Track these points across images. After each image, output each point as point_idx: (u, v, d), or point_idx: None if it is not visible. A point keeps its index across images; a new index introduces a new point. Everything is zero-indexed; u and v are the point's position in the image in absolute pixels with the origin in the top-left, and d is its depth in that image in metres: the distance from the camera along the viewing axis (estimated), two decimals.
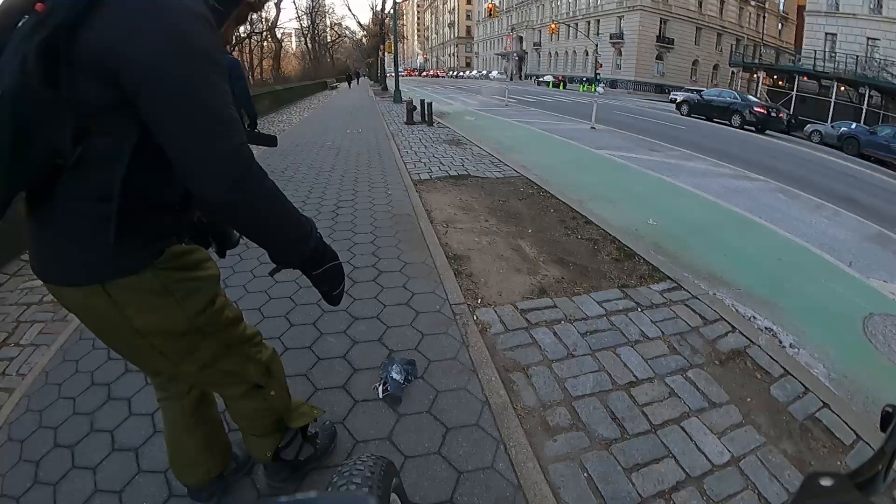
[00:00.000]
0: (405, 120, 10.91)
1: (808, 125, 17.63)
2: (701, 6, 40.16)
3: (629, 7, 39.58)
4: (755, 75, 29.07)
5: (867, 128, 15.59)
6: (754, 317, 3.12)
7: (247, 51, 30.81)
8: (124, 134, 0.77)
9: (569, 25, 39.78)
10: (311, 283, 0.97)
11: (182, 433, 1.23)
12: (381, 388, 1.70)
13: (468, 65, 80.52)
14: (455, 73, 71.07)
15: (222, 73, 0.77)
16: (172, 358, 0.97)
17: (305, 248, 0.90)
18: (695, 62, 40.64)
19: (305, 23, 37.18)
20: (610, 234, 3.93)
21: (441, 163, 6.58)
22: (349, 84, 36.92)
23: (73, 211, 0.81)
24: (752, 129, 15.95)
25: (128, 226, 0.79)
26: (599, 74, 24.33)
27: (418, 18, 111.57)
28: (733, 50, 34.53)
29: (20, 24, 0.70)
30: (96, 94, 0.73)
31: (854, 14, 24.24)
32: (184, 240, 0.97)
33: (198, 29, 0.74)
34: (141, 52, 0.70)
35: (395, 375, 1.66)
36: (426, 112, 10.76)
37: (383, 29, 33.77)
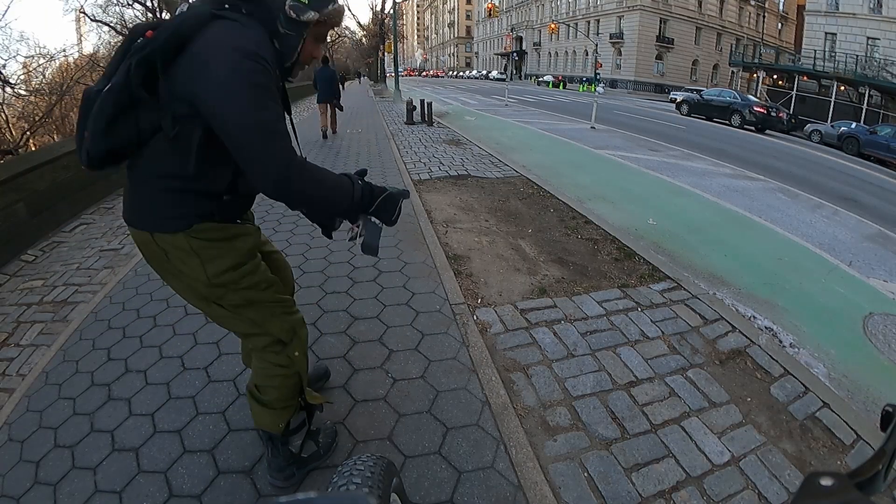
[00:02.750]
0: (405, 120, 10.90)
1: (808, 125, 17.61)
2: (701, 6, 40.13)
3: (629, 7, 39.56)
4: (755, 75, 29.05)
5: (867, 127, 15.57)
6: (754, 316, 3.12)
7: None
8: (194, 134, 1.05)
9: (568, 25, 39.73)
10: (374, 217, 1.22)
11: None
12: (358, 236, 1.24)
13: (468, 65, 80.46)
14: (455, 72, 71.06)
15: (270, 95, 1.03)
16: (203, 301, 1.25)
17: (352, 202, 1.16)
18: (695, 62, 40.63)
19: None
20: (610, 234, 3.93)
21: (441, 163, 6.58)
22: (342, 87, 28.80)
23: (145, 181, 1.13)
24: (752, 128, 15.94)
25: (172, 200, 1.11)
26: (599, 74, 24.29)
27: (418, 18, 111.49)
28: (733, 50, 34.50)
29: (138, 41, 1.01)
30: (180, 108, 1.02)
31: (854, 14, 24.24)
32: (237, 220, 1.25)
33: (248, 66, 0.99)
34: (208, 93, 0.99)
35: (373, 219, 1.23)
36: (426, 112, 10.75)
37: (383, 29, 33.70)
